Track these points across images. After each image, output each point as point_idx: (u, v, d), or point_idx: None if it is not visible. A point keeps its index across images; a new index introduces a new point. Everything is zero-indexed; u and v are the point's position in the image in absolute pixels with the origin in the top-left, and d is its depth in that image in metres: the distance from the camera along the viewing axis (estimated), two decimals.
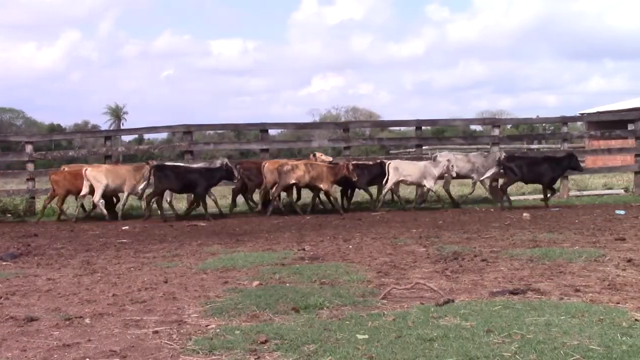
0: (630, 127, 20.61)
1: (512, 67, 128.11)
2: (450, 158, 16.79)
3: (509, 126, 48.45)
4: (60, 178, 16.10)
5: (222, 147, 23.81)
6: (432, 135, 42.33)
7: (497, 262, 8.30)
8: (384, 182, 16.50)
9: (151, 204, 15.66)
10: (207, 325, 5.54)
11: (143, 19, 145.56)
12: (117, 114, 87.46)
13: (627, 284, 6.77)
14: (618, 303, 5.96)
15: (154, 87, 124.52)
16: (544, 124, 34.56)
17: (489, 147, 19.46)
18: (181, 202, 17.80)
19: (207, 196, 15.80)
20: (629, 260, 8.04)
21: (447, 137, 33.03)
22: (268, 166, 16.11)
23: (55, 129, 62.32)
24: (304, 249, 9.81)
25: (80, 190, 15.84)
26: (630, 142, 21.56)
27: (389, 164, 16.48)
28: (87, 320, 5.83)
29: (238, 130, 46.06)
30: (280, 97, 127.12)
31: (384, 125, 35.06)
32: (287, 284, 7.16)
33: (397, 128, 48.07)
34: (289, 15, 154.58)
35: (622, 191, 18.51)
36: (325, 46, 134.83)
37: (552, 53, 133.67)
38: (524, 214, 14.16)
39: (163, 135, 49.35)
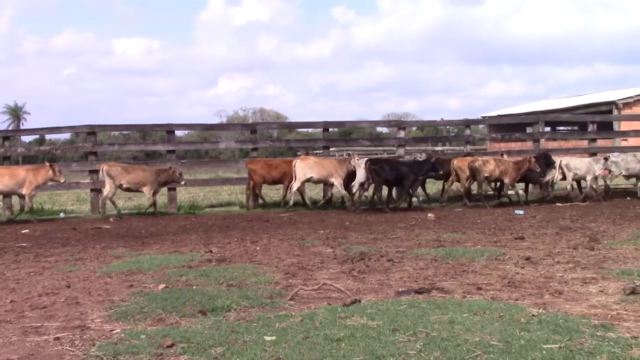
0: (529, 130, 21.45)
1: (416, 70, 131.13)
2: (616, 158, 17.80)
3: (414, 128, 49.44)
4: (257, 167, 16.94)
5: (127, 148, 23.25)
6: (339, 136, 42.92)
7: (402, 262, 8.45)
8: (553, 176, 17.23)
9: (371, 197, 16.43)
10: (111, 330, 5.41)
11: (42, 15, 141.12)
12: (16, 113, 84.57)
13: (525, 281, 7.02)
14: (517, 300, 6.17)
15: (55, 86, 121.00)
16: (447, 127, 35.36)
17: (394, 148, 19.76)
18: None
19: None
20: (527, 259, 8.34)
21: (354, 138, 33.42)
22: (457, 163, 17.06)
23: None
24: (211, 251, 9.73)
25: (275, 180, 17.19)
26: (529, 144, 22.38)
27: (560, 161, 17.25)
28: None
29: (144, 131, 45.37)
30: (187, 98, 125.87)
31: (292, 126, 35.21)
32: (194, 287, 7.08)
33: (305, 129, 48.61)
34: (196, 15, 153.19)
35: (521, 192, 19.13)
36: (232, 47, 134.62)
37: (454, 57, 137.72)
38: (429, 215, 14.48)
39: (66, 136, 48.14)
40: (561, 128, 40.51)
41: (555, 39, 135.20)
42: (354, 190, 16.34)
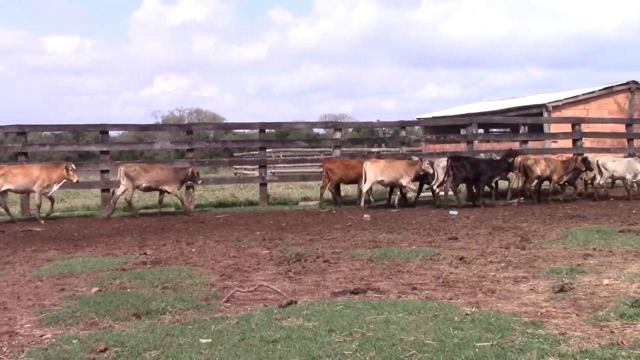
0: (463, 131, 21.79)
1: (352, 72, 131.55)
2: None
3: (350, 130, 49.74)
4: (334, 167, 17.34)
5: (59, 148, 22.68)
6: (276, 138, 42.86)
7: (338, 262, 8.49)
8: (592, 176, 18.06)
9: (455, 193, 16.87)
10: (41, 336, 5.28)
11: None
12: None
13: (459, 281, 7.13)
14: (451, 299, 6.27)
15: None
16: (384, 128, 35.76)
17: (331, 150, 19.83)
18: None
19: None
20: (461, 258, 8.48)
21: (291, 139, 33.41)
22: (519, 160, 17.57)
23: None
24: (145, 253, 9.60)
25: (351, 180, 17.54)
26: (463, 146, 22.74)
27: (597, 161, 17.78)
28: None
29: (76, 132, 44.39)
30: (121, 98, 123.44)
31: (228, 127, 35.00)
32: (128, 290, 6.98)
33: (241, 130, 48.42)
34: (130, 13, 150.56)
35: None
36: (168, 47, 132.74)
37: (390, 60, 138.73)
38: (365, 215, 14.58)
39: None
40: (494, 130, 41.28)
41: (488, 43, 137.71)
42: (435, 189, 16.88)
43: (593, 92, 31.66)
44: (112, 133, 20.46)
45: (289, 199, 19.31)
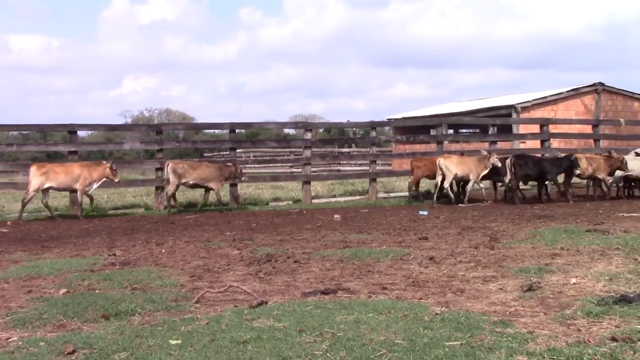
0: (433, 132, 21.96)
1: (322, 72, 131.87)
2: None
3: (321, 130, 49.77)
4: (421, 164, 18.18)
5: (26, 148, 22.39)
6: (246, 138, 42.79)
7: (309, 263, 8.49)
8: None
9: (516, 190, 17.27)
10: (7, 339, 5.21)
11: None
12: None
13: (428, 281, 7.17)
14: (421, 299, 6.30)
15: None
16: (354, 129, 35.81)
17: (302, 150, 19.83)
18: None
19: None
20: (431, 258, 8.53)
21: (261, 140, 33.38)
22: None
23: None
24: (114, 254, 9.52)
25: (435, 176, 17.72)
26: (433, 146, 22.89)
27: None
28: None
29: (44, 132, 43.91)
30: (89, 98, 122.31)
31: (198, 127, 34.85)
32: (97, 291, 6.92)
33: (212, 130, 48.23)
34: (98, 12, 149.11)
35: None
36: (137, 46, 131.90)
37: (360, 60, 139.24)
38: (335, 216, 14.59)
39: None
40: (463, 130, 41.58)
41: (457, 44, 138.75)
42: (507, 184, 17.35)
43: (560, 93, 32.03)
44: (81, 133, 20.34)
45: (259, 199, 19.26)
